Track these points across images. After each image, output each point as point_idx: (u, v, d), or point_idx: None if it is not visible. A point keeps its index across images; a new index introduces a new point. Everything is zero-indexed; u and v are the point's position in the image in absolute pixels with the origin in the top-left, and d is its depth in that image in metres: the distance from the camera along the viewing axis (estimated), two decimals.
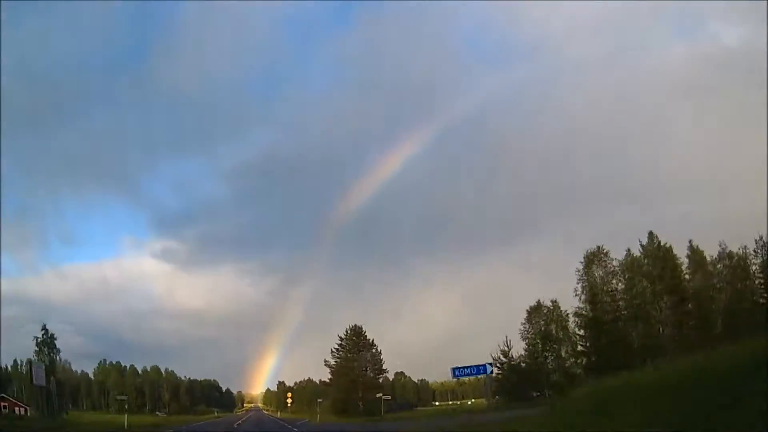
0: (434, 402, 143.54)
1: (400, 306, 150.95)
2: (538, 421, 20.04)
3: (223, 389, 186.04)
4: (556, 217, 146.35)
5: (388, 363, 69.42)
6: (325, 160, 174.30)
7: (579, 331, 51.63)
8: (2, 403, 63.55)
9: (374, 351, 66.20)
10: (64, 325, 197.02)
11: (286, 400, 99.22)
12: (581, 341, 51.66)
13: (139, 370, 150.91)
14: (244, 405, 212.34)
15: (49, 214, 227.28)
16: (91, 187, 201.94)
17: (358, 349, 66.06)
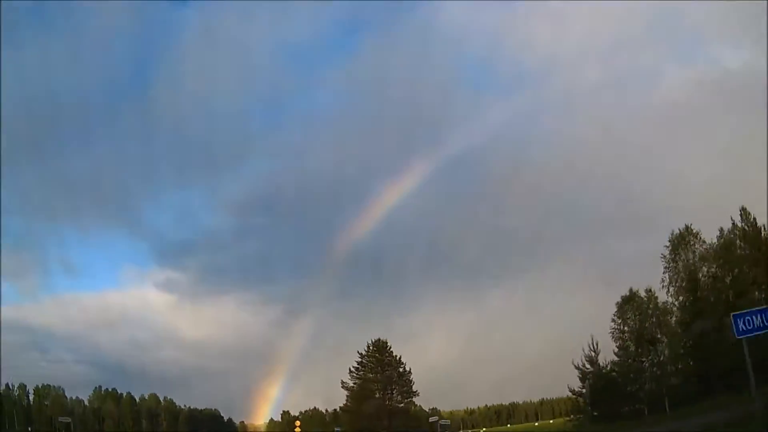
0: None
1: (408, 334, 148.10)
2: None
3: (225, 419, 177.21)
4: (567, 244, 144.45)
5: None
6: (330, 188, 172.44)
7: (678, 330, 42.35)
8: None
9: (401, 370, 56.72)
10: (65, 353, 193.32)
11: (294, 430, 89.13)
12: (683, 340, 42.08)
13: (137, 398, 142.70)
14: None
15: (50, 243, 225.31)
16: (93, 217, 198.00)
17: (383, 367, 56.60)
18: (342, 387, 57.63)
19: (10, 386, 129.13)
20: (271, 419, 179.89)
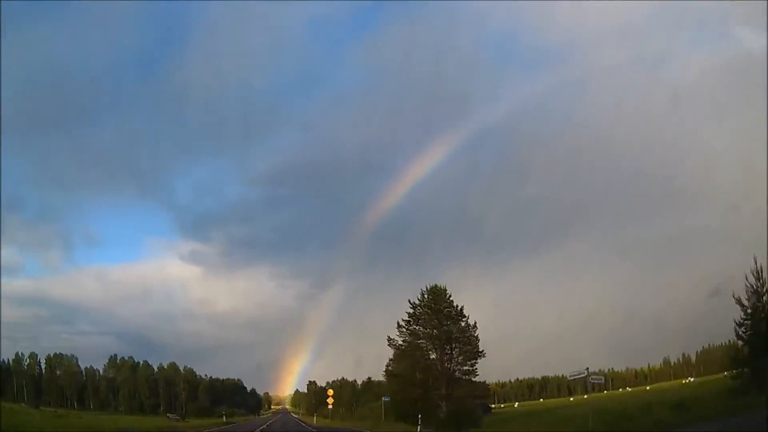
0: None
1: None
2: None
3: (248, 390, 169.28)
4: (582, 224, 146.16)
5: None
6: (357, 163, 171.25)
7: None
8: None
9: (463, 324, 42.94)
10: (88, 325, 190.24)
11: (326, 401, 76.83)
12: None
13: (155, 367, 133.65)
14: (271, 407, 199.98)
15: (73, 215, 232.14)
16: (117, 189, 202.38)
17: (440, 320, 42.88)
18: (389, 344, 43.76)
19: (20, 355, 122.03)
20: (297, 390, 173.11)
